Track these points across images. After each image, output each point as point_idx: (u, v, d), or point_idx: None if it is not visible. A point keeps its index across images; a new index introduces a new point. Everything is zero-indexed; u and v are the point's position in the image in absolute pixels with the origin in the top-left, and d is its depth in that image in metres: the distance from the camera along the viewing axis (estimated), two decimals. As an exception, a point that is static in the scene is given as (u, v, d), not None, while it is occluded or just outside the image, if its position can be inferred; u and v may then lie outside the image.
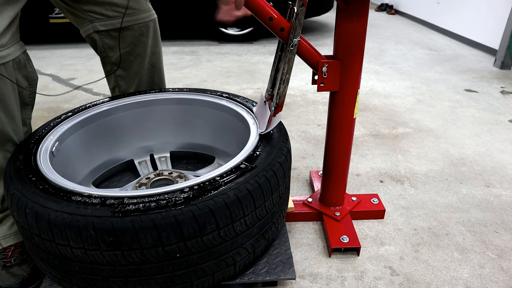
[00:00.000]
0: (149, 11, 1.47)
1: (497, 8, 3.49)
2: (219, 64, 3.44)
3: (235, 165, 0.97)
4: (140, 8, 1.43)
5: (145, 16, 1.45)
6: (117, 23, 1.40)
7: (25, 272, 1.14)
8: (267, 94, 1.16)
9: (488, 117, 2.34)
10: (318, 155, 1.92)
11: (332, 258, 1.29)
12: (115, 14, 1.39)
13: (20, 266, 1.15)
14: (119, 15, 1.39)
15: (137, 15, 1.42)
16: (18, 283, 1.12)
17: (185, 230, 0.83)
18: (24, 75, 1.19)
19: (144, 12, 1.44)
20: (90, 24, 1.40)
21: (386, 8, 6.11)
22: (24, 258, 1.16)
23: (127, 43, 1.46)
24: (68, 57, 3.69)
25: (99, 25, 1.40)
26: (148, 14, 1.46)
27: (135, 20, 1.42)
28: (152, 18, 1.48)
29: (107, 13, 1.38)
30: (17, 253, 1.17)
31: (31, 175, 0.96)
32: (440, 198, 1.60)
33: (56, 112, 2.43)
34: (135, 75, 1.53)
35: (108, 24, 1.40)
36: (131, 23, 1.42)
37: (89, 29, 1.41)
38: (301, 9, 0.97)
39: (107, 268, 0.85)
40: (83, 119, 1.31)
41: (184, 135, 1.55)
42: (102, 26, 1.40)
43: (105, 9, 1.37)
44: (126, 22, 1.41)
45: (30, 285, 1.14)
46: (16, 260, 1.16)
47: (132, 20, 1.42)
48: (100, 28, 1.40)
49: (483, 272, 1.24)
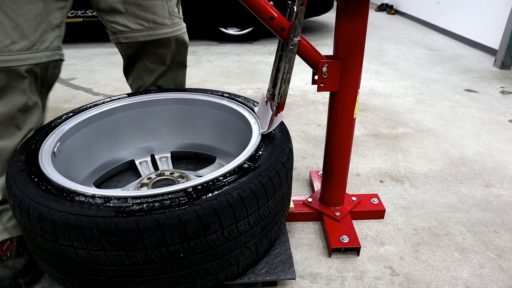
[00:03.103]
0: (173, 26, 1.44)
1: (497, 8, 3.49)
2: (219, 64, 3.44)
3: (238, 165, 0.97)
4: (164, 23, 1.41)
5: (169, 31, 1.43)
6: (139, 36, 1.40)
7: (20, 265, 1.17)
8: (268, 94, 1.16)
9: (488, 117, 2.35)
10: (318, 155, 1.93)
11: (332, 258, 1.30)
12: (138, 27, 1.38)
13: (15, 260, 1.17)
14: (142, 28, 1.39)
15: (159, 30, 1.41)
16: (13, 275, 1.15)
17: (189, 230, 0.84)
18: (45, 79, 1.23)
19: (168, 27, 1.42)
20: (114, 35, 1.42)
21: (386, 8, 6.12)
22: (20, 252, 1.19)
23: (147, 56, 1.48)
24: (68, 57, 3.69)
25: (121, 37, 1.41)
26: (173, 29, 1.44)
27: (156, 35, 1.41)
28: (176, 34, 1.46)
29: (130, 25, 1.38)
30: (14, 246, 1.20)
31: (33, 176, 0.96)
32: (440, 198, 1.60)
33: (56, 112, 2.43)
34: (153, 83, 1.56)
35: (130, 37, 1.40)
36: (153, 37, 1.41)
37: (113, 39, 1.44)
38: (301, 8, 0.98)
39: (111, 269, 0.86)
40: (84, 119, 1.31)
41: (185, 135, 1.55)
42: (124, 38, 1.41)
43: (128, 21, 1.37)
44: (147, 36, 1.41)
45: (25, 277, 1.17)
46: (12, 254, 1.18)
47: (154, 35, 1.41)
48: (122, 41, 1.42)
49: (483, 272, 1.24)
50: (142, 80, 1.55)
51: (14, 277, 1.15)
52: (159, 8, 1.38)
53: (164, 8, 1.40)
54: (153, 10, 1.37)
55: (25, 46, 1.10)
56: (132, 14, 1.36)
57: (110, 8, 1.35)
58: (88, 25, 3.90)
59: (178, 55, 1.53)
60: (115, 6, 1.34)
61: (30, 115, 1.20)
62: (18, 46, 1.08)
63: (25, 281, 1.17)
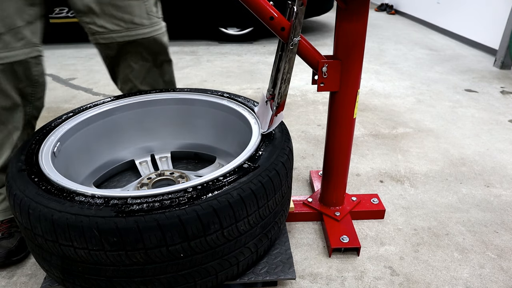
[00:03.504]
0: (151, 26, 1.43)
1: (497, 8, 3.49)
2: (219, 64, 3.44)
3: (238, 165, 0.97)
4: (142, 23, 1.40)
5: (147, 31, 1.42)
6: (117, 37, 1.39)
7: (11, 244, 1.24)
8: (268, 94, 1.16)
9: (488, 117, 2.35)
10: (318, 155, 1.93)
11: (332, 258, 1.30)
12: (116, 28, 1.37)
13: (7, 239, 1.24)
14: (120, 29, 1.37)
15: (138, 30, 1.40)
16: (4, 253, 1.22)
17: (189, 230, 0.84)
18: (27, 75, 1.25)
19: (145, 27, 1.41)
20: (92, 36, 1.42)
21: (386, 8, 6.12)
22: (11, 233, 1.25)
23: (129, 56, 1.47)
24: (68, 57, 3.69)
25: (100, 38, 1.40)
26: (151, 30, 1.43)
27: (134, 35, 1.40)
28: (154, 34, 1.44)
29: (107, 26, 1.37)
30: (4, 228, 1.26)
31: (33, 176, 0.96)
32: (440, 198, 1.60)
33: (56, 112, 2.43)
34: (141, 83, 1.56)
35: (108, 38, 1.39)
36: (131, 38, 1.40)
37: (92, 40, 1.43)
38: (301, 8, 0.98)
39: (111, 269, 0.86)
40: (84, 119, 1.31)
41: (185, 135, 1.55)
42: (102, 39, 1.40)
43: (105, 22, 1.36)
44: (126, 37, 1.39)
45: (16, 256, 1.25)
46: (4, 234, 1.25)
47: (132, 35, 1.40)
48: (100, 41, 1.41)
49: (483, 272, 1.24)
50: (131, 82, 1.55)
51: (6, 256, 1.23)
52: (136, 8, 1.37)
53: (142, 8, 1.38)
54: (130, 10, 1.36)
55: None
56: (109, 14, 1.35)
57: (87, 8, 1.33)
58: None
59: (160, 54, 1.52)
60: (91, 6, 1.32)
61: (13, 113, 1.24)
62: None
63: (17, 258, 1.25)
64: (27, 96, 1.29)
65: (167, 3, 3.89)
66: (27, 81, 1.26)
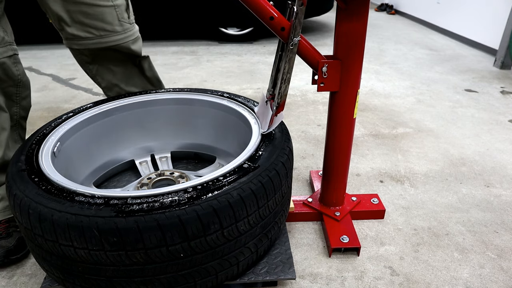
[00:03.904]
0: (124, 33, 1.40)
1: (497, 8, 3.49)
2: (219, 64, 3.44)
3: (238, 165, 0.97)
4: (114, 30, 1.38)
5: (119, 38, 1.40)
6: (90, 44, 1.37)
7: (10, 244, 1.24)
8: (268, 94, 1.17)
9: (488, 117, 2.35)
10: (318, 155, 1.93)
11: (332, 258, 1.30)
12: (88, 35, 1.35)
13: (6, 239, 1.24)
14: (92, 36, 1.35)
15: (110, 37, 1.38)
16: (3, 253, 1.23)
17: (189, 230, 0.84)
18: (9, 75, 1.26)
19: (118, 34, 1.39)
20: (66, 41, 1.40)
21: (386, 8, 6.12)
22: (10, 232, 1.26)
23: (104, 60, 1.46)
24: (68, 57, 3.69)
25: (73, 44, 1.39)
26: (123, 36, 1.41)
27: (106, 42, 1.38)
28: (127, 40, 1.42)
29: (78, 34, 1.35)
30: (3, 228, 1.27)
31: (33, 176, 0.96)
32: (440, 198, 1.60)
33: (56, 112, 2.43)
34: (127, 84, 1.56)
35: (81, 44, 1.38)
36: (104, 45, 1.38)
37: (66, 44, 1.42)
38: (301, 8, 0.98)
39: (111, 269, 0.86)
40: (84, 119, 1.31)
41: (185, 135, 1.55)
42: (76, 45, 1.39)
43: (76, 30, 1.34)
44: (98, 44, 1.38)
45: (14, 255, 1.25)
46: (3, 234, 1.25)
47: (104, 42, 1.38)
48: (74, 47, 1.40)
49: (483, 272, 1.24)
50: (117, 86, 1.54)
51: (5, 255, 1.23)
52: (107, 15, 1.34)
53: (113, 14, 1.36)
54: (101, 17, 1.34)
55: None
56: (79, 22, 1.32)
57: (56, 16, 1.32)
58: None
59: (135, 57, 1.51)
60: (61, 15, 1.31)
61: None
62: None
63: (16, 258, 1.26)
64: (12, 96, 1.28)
65: (167, 3, 3.90)
66: (10, 81, 1.26)
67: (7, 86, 1.25)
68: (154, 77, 1.62)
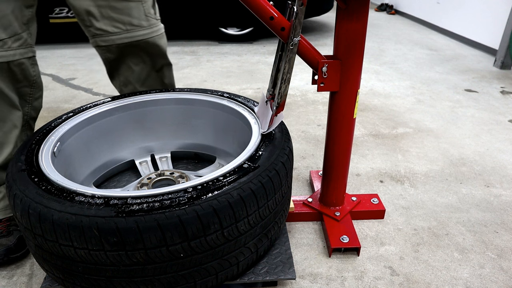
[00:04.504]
0: (150, 28, 1.45)
1: (497, 8, 3.49)
2: (219, 64, 3.44)
3: (238, 165, 0.97)
4: (141, 24, 1.42)
5: (146, 32, 1.44)
6: (117, 39, 1.40)
7: (10, 242, 1.25)
8: (268, 94, 1.17)
9: (488, 117, 2.35)
10: (318, 155, 1.93)
11: (332, 258, 1.30)
12: (115, 30, 1.39)
13: (6, 237, 1.25)
14: (119, 31, 1.39)
15: (136, 32, 1.41)
16: (3, 251, 1.23)
17: (189, 230, 0.84)
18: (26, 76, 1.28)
19: (144, 29, 1.43)
20: (93, 39, 1.44)
21: (386, 8, 6.12)
22: (10, 231, 1.26)
23: (129, 58, 1.48)
24: (68, 57, 3.69)
25: (99, 40, 1.42)
26: (150, 31, 1.45)
27: (133, 37, 1.42)
28: (154, 35, 1.46)
29: (106, 29, 1.38)
30: (3, 226, 1.28)
31: (33, 176, 0.96)
32: (440, 198, 1.60)
33: (56, 112, 2.43)
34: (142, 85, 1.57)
35: (108, 40, 1.41)
36: (130, 39, 1.42)
37: (92, 42, 1.45)
38: (301, 8, 0.98)
39: (111, 269, 0.86)
40: (84, 119, 1.31)
41: (185, 135, 1.55)
42: (102, 41, 1.42)
43: (104, 24, 1.37)
44: (125, 39, 1.41)
45: (14, 254, 1.26)
46: (3, 233, 1.26)
47: (131, 37, 1.41)
48: (100, 44, 1.43)
49: (483, 272, 1.24)
50: (131, 84, 1.56)
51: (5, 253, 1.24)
52: (134, 10, 1.38)
53: (140, 9, 1.40)
54: (129, 12, 1.37)
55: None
56: (107, 17, 1.36)
57: (86, 12, 1.35)
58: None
59: (159, 56, 1.53)
60: (90, 9, 1.34)
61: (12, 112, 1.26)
62: None
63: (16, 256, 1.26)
64: (25, 96, 1.31)
65: (167, 3, 3.89)
66: (25, 81, 1.28)
67: (22, 86, 1.28)
68: (170, 84, 1.65)
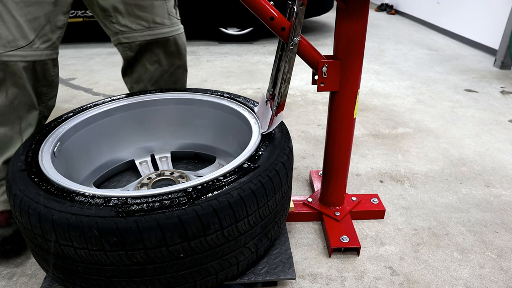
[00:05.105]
0: (171, 26, 1.48)
1: (497, 8, 3.49)
2: (219, 64, 3.44)
3: (238, 165, 0.97)
4: (163, 23, 1.45)
5: (168, 30, 1.47)
6: (139, 36, 1.44)
7: (7, 233, 1.25)
8: (268, 94, 1.16)
9: (488, 117, 2.35)
10: (318, 155, 1.93)
11: (332, 258, 1.30)
12: (138, 27, 1.42)
13: (4, 228, 1.25)
14: (142, 28, 1.42)
15: (159, 29, 1.45)
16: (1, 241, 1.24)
17: (189, 230, 0.84)
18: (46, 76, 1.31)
19: (167, 27, 1.46)
20: (115, 36, 1.46)
21: (386, 8, 6.12)
22: (10, 223, 1.27)
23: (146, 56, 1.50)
24: (68, 57, 3.69)
25: (122, 37, 1.44)
26: (172, 29, 1.48)
27: (156, 34, 1.45)
28: (175, 33, 1.49)
29: (131, 26, 1.41)
30: (3, 218, 1.27)
31: (33, 176, 0.96)
32: (440, 198, 1.60)
33: (56, 112, 2.42)
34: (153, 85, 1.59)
35: (130, 37, 1.44)
36: (153, 37, 1.45)
37: (114, 40, 1.48)
38: (301, 8, 0.98)
39: (111, 269, 0.86)
40: (84, 119, 1.31)
41: (185, 135, 1.55)
42: (125, 38, 1.44)
43: (129, 21, 1.40)
44: (147, 36, 1.44)
45: (10, 245, 1.26)
46: (2, 224, 1.26)
47: (154, 34, 1.44)
48: (123, 41, 1.45)
49: (483, 272, 1.24)
50: (143, 82, 1.57)
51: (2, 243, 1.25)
52: (158, 8, 1.41)
53: (163, 8, 1.43)
54: (153, 10, 1.40)
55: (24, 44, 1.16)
56: (132, 14, 1.39)
57: (113, 8, 1.38)
58: (88, 25, 3.90)
59: (177, 57, 1.55)
60: (117, 6, 1.37)
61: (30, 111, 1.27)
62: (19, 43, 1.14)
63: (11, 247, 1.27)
64: (42, 95, 1.33)
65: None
66: (44, 80, 1.31)
67: (40, 86, 1.30)
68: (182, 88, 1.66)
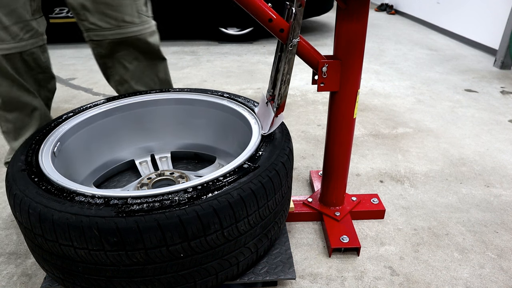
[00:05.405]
0: (141, 25, 1.47)
1: (497, 8, 3.49)
2: (219, 64, 3.44)
3: (238, 165, 0.97)
4: (133, 21, 1.44)
5: (137, 29, 1.46)
6: (109, 34, 1.44)
7: None
8: (268, 95, 1.16)
9: (488, 117, 2.35)
10: (318, 155, 1.93)
11: (332, 258, 1.30)
12: (107, 26, 1.42)
13: None
14: (111, 26, 1.42)
15: (128, 28, 1.44)
16: None
17: (189, 230, 0.84)
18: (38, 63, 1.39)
19: (136, 25, 1.45)
20: (86, 33, 1.47)
21: (386, 8, 6.12)
22: None
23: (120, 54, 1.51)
24: (68, 57, 3.69)
25: (92, 35, 1.45)
26: (141, 28, 1.47)
27: (125, 33, 1.44)
28: (145, 32, 1.48)
29: (99, 24, 1.41)
30: None
31: (33, 176, 0.96)
32: (440, 198, 1.60)
33: (56, 112, 2.43)
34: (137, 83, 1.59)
35: (100, 35, 1.44)
36: (122, 35, 1.45)
37: (86, 37, 1.48)
38: (299, 10, 0.98)
39: (111, 269, 0.86)
40: (84, 119, 1.31)
41: (185, 135, 1.55)
42: (95, 36, 1.45)
43: (98, 19, 1.41)
44: (117, 35, 1.44)
45: None
46: None
47: (123, 33, 1.44)
48: (93, 38, 1.46)
49: (483, 272, 1.24)
50: (126, 82, 1.58)
51: None
52: (127, 7, 1.42)
53: (132, 7, 1.43)
54: (122, 9, 1.41)
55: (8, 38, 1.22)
56: (101, 12, 1.39)
57: (80, 5, 1.39)
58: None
59: (152, 53, 1.55)
60: (85, 4, 1.38)
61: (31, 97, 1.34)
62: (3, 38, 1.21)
63: None
64: (40, 81, 1.38)
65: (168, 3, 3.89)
66: (38, 68, 1.35)
67: (36, 73, 1.34)
68: (166, 79, 1.66)
